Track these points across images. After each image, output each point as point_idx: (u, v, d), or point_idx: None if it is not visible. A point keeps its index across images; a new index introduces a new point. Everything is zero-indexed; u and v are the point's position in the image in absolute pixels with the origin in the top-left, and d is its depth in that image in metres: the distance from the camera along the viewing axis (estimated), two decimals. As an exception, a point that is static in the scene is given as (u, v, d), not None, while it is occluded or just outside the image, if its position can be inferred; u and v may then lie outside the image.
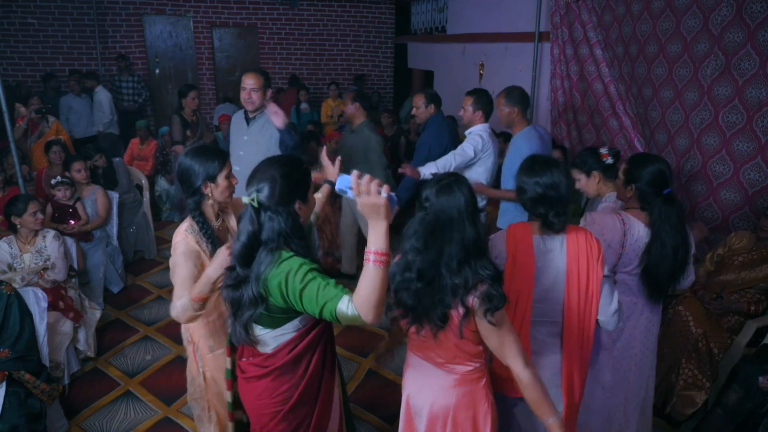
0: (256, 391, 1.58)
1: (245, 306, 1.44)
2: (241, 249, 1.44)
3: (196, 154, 1.79)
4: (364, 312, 1.29)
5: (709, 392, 2.63)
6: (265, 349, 1.56)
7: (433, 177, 1.56)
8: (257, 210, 1.43)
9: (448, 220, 1.45)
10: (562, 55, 4.82)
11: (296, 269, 1.38)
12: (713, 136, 3.41)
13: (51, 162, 4.46)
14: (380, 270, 1.27)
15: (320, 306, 1.34)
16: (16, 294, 2.36)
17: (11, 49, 7.33)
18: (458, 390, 1.59)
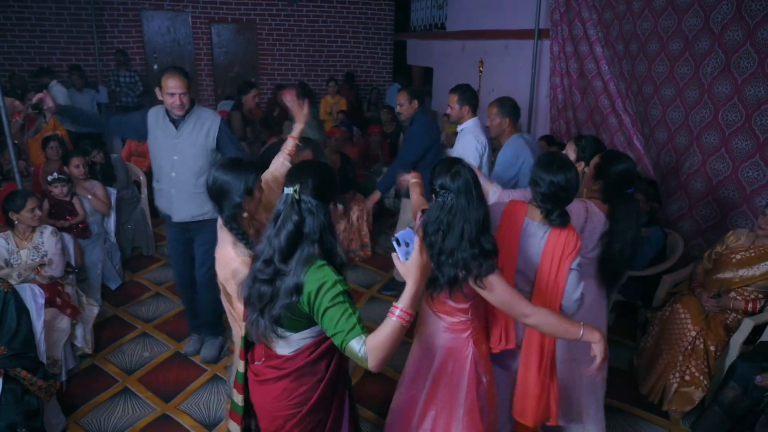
0: (273, 393, 1.59)
1: (281, 296, 1.46)
2: (286, 239, 1.45)
3: (231, 168, 1.82)
4: (372, 358, 1.32)
5: (706, 390, 2.63)
6: (283, 351, 1.57)
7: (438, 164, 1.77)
8: (298, 202, 1.46)
9: (465, 202, 1.66)
10: (561, 52, 4.81)
11: (330, 285, 1.40)
12: (713, 134, 3.42)
13: (48, 158, 4.44)
14: (401, 327, 1.31)
15: (336, 331, 1.38)
16: (12, 291, 2.35)
17: (8, 43, 7.30)
18: (445, 336, 1.88)
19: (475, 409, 1.85)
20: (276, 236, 1.46)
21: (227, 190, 1.80)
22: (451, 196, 1.67)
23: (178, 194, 2.86)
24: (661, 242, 3.27)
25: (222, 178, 1.81)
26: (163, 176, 2.87)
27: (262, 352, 1.62)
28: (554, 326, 1.69)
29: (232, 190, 1.80)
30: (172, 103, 2.69)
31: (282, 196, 1.49)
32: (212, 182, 1.83)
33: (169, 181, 2.85)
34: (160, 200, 2.99)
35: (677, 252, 3.34)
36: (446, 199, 1.68)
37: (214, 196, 1.84)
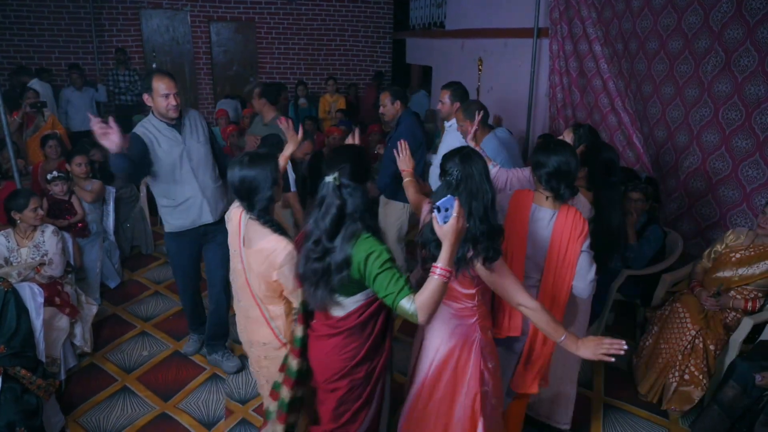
0: (326, 348, 1.80)
1: (334, 271, 1.65)
2: (331, 222, 1.63)
3: (254, 162, 1.84)
4: (422, 312, 1.52)
5: (705, 389, 2.64)
6: (337, 313, 1.77)
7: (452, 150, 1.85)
8: (338, 187, 1.64)
9: (473, 183, 1.74)
10: (561, 51, 4.81)
11: (378, 254, 1.59)
12: (713, 133, 3.41)
13: (47, 156, 4.44)
14: (443, 283, 1.51)
15: (387, 293, 1.57)
16: (12, 290, 2.35)
17: (6, 42, 7.28)
18: (452, 322, 1.90)
19: (477, 396, 1.89)
20: (322, 219, 1.65)
21: (257, 185, 1.83)
22: (458, 175, 1.75)
23: (211, 195, 2.81)
24: (661, 241, 3.27)
25: (249, 174, 1.82)
26: (186, 186, 2.73)
27: (321, 315, 1.83)
28: (542, 323, 1.78)
29: (261, 184, 1.83)
30: (168, 104, 2.59)
31: (323, 183, 1.66)
32: (239, 181, 1.83)
33: (195, 187, 2.75)
34: (184, 216, 2.79)
35: (676, 251, 3.34)
36: (454, 178, 1.76)
37: (244, 193, 1.85)
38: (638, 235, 3.24)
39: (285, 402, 1.88)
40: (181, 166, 2.71)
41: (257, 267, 1.86)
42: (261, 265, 1.84)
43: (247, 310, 2.01)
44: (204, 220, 2.83)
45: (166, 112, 2.63)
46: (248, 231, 1.89)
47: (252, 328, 2.01)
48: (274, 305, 1.94)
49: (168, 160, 2.67)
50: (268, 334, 1.97)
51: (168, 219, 2.84)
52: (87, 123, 6.65)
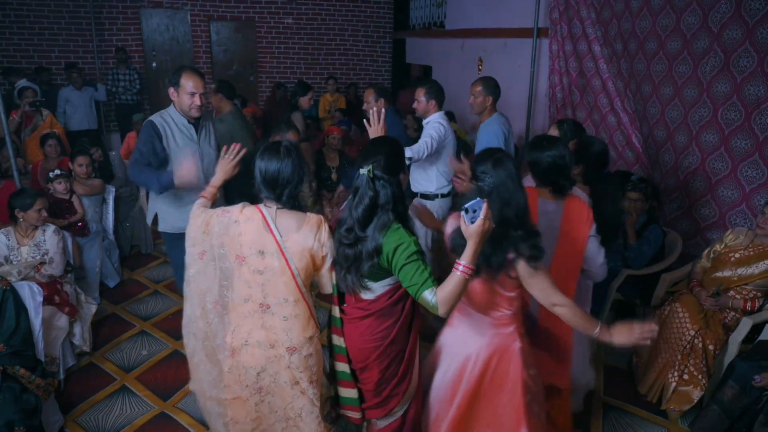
0: (358, 329, 1.88)
1: (365, 259, 1.73)
2: (363, 212, 1.71)
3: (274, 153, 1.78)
4: (442, 305, 1.59)
5: (705, 388, 2.64)
6: (368, 296, 1.84)
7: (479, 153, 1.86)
8: (372, 179, 1.70)
9: (506, 189, 1.73)
10: (560, 51, 4.81)
11: (406, 245, 1.66)
12: (712, 133, 3.42)
13: (47, 155, 4.44)
14: (465, 279, 1.57)
15: (411, 284, 1.64)
16: (11, 289, 2.35)
17: (6, 41, 7.27)
18: (490, 331, 1.88)
19: (521, 406, 1.86)
20: (355, 209, 1.72)
21: (285, 175, 1.76)
22: (491, 180, 1.75)
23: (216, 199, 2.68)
24: (660, 241, 3.27)
25: (274, 165, 1.76)
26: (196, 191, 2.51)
27: (352, 298, 1.89)
28: (577, 318, 1.77)
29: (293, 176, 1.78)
30: (192, 103, 2.56)
31: (358, 174, 1.72)
32: (265, 172, 1.76)
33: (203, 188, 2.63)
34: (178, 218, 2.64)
35: (676, 251, 3.34)
36: (486, 184, 1.76)
37: (272, 185, 1.77)
38: (638, 234, 3.24)
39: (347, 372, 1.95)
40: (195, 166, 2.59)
41: (307, 250, 1.80)
42: (312, 245, 1.80)
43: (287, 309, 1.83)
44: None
45: (189, 111, 2.60)
46: (281, 222, 1.79)
47: (296, 328, 1.85)
48: (310, 295, 1.91)
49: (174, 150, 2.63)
50: (313, 327, 1.91)
51: (169, 219, 2.73)
52: (85, 122, 6.72)
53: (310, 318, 1.89)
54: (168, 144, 2.60)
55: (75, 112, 6.47)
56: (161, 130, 2.59)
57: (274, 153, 1.77)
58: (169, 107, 2.68)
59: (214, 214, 1.85)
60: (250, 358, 1.85)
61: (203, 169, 2.66)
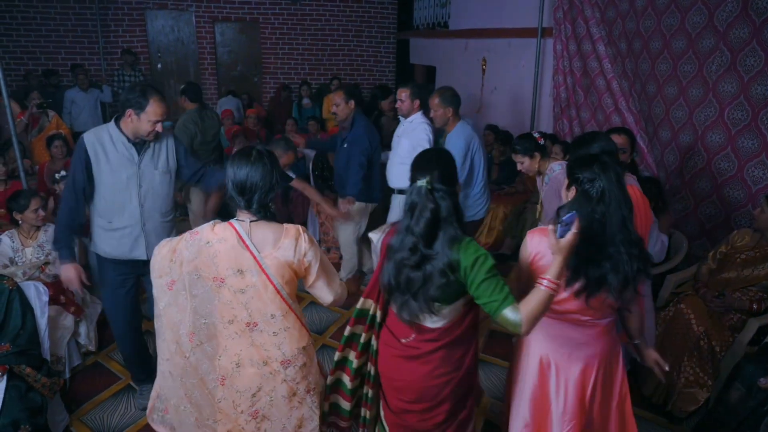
0: (431, 364, 1.72)
1: (437, 278, 1.58)
2: (426, 227, 1.57)
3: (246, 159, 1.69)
4: (527, 323, 1.50)
5: (710, 390, 2.62)
6: (436, 324, 1.69)
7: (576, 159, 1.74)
8: (431, 191, 1.58)
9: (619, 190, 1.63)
10: (565, 51, 4.80)
11: (484, 259, 1.56)
12: (718, 133, 3.40)
13: (53, 156, 4.46)
14: (550, 296, 1.51)
15: (491, 300, 1.53)
16: (17, 289, 2.37)
17: (13, 43, 7.34)
18: (604, 338, 1.81)
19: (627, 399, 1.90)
20: (416, 224, 1.58)
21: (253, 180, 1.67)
22: (601, 184, 1.62)
23: (152, 229, 2.45)
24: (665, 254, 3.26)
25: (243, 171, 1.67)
26: (125, 212, 2.39)
27: (409, 330, 1.72)
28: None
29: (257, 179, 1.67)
30: (152, 131, 2.32)
31: (413, 188, 1.60)
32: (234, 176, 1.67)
33: (136, 215, 2.41)
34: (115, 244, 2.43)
35: (681, 252, 3.32)
36: (595, 189, 1.62)
37: (240, 190, 1.68)
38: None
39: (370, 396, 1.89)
40: (127, 189, 2.37)
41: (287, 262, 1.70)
42: (293, 258, 1.70)
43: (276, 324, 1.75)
44: (135, 255, 2.44)
45: (144, 136, 2.33)
46: (256, 235, 1.70)
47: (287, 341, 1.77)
48: (297, 304, 1.81)
49: (113, 178, 2.34)
50: (306, 336, 1.82)
51: (97, 241, 2.48)
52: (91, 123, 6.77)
53: (301, 327, 1.81)
54: (98, 164, 2.32)
55: (80, 113, 6.52)
56: (90, 151, 2.31)
57: (245, 157, 1.68)
58: (110, 123, 2.38)
59: (182, 240, 1.73)
60: (244, 379, 1.77)
61: (140, 195, 2.40)
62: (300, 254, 1.71)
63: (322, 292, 1.82)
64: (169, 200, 2.53)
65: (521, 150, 2.82)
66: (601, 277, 1.63)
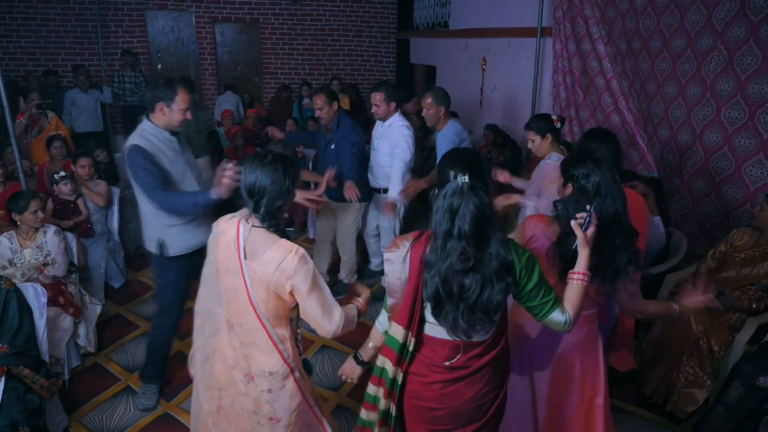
0: (481, 381, 1.61)
1: (496, 282, 1.45)
2: (474, 226, 1.43)
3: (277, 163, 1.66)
4: (573, 321, 1.54)
5: (710, 390, 2.61)
6: (481, 337, 1.58)
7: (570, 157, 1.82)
8: (472, 188, 1.45)
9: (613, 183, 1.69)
10: (564, 50, 4.79)
11: (534, 261, 1.53)
12: (715, 132, 3.39)
13: (53, 157, 4.47)
14: (584, 288, 1.56)
15: (542, 302, 1.52)
16: (15, 289, 2.36)
17: (13, 44, 7.35)
18: (584, 328, 1.86)
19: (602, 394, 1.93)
20: (463, 225, 1.43)
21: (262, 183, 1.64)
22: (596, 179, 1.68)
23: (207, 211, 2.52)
24: (665, 241, 3.25)
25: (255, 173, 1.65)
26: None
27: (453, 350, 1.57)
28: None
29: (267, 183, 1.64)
30: (184, 119, 2.44)
31: (450, 188, 1.45)
32: (245, 178, 1.66)
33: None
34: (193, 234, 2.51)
35: (681, 251, 3.31)
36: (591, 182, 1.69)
37: (250, 192, 1.66)
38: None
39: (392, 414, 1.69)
40: (186, 178, 2.50)
41: (266, 279, 1.63)
42: (272, 276, 1.62)
43: (246, 335, 1.73)
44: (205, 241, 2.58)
45: (177, 125, 2.46)
46: (251, 242, 1.67)
47: (255, 357, 1.74)
48: (281, 328, 1.74)
49: (175, 170, 2.46)
50: (276, 362, 1.73)
51: (177, 240, 2.51)
52: (91, 124, 6.76)
53: (273, 351, 1.72)
54: (162, 163, 2.42)
55: (80, 114, 6.52)
56: (152, 152, 2.39)
57: (258, 160, 1.67)
58: (143, 124, 2.47)
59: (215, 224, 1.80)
60: (214, 372, 1.80)
61: (196, 181, 2.57)
62: (282, 273, 1.60)
63: (316, 322, 1.68)
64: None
65: (535, 127, 2.78)
66: (595, 267, 1.64)
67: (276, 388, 1.75)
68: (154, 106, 2.39)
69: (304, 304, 1.65)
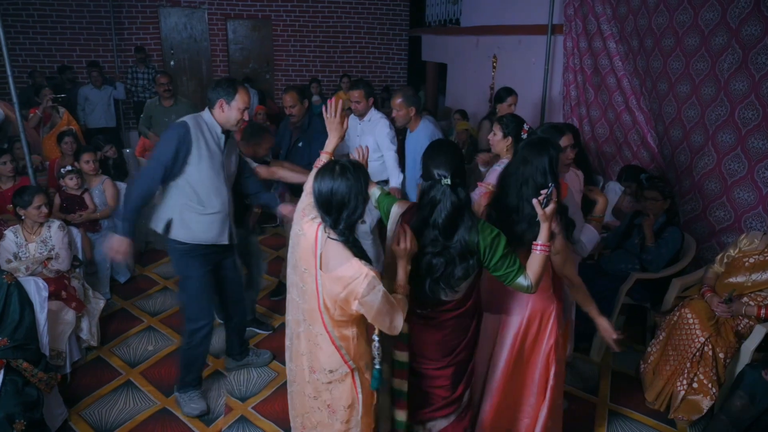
0: (443, 332, 1.89)
1: (459, 262, 1.74)
2: (447, 220, 1.72)
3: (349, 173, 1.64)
4: (534, 284, 1.79)
5: (715, 398, 2.54)
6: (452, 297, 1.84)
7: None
8: (451, 187, 1.71)
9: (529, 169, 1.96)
10: (575, 48, 4.71)
11: (499, 238, 1.76)
12: (728, 132, 3.30)
13: (63, 152, 4.52)
14: (545, 257, 1.78)
15: (507, 271, 1.77)
16: (16, 283, 2.38)
17: (30, 40, 7.46)
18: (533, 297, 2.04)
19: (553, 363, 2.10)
20: (438, 218, 1.73)
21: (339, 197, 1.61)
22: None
23: (232, 216, 2.66)
24: (679, 243, 3.19)
25: (327, 185, 1.62)
26: (218, 197, 2.54)
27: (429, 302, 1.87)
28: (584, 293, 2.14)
29: (353, 199, 1.62)
30: (241, 119, 2.47)
31: (434, 185, 1.73)
32: (330, 192, 1.61)
33: (225, 201, 2.57)
34: (209, 228, 2.55)
35: (689, 254, 3.24)
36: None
37: (332, 208, 1.63)
38: (656, 236, 3.16)
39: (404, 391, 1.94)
40: (219, 175, 2.52)
41: (334, 295, 1.65)
42: (339, 294, 1.63)
43: (315, 336, 1.78)
44: (222, 240, 2.61)
45: (234, 125, 2.49)
46: (325, 252, 1.66)
47: (317, 354, 1.79)
48: (346, 328, 1.76)
49: (210, 163, 2.47)
50: (336, 361, 1.76)
51: (190, 228, 2.52)
52: (104, 120, 6.83)
53: (333, 352, 1.75)
54: (199, 149, 2.43)
55: (94, 109, 6.61)
56: (193, 134, 2.41)
57: (328, 172, 1.63)
58: (204, 112, 2.51)
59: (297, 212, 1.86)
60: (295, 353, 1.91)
61: (227, 181, 2.58)
62: (350, 294, 1.60)
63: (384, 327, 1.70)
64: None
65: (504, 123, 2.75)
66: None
67: (336, 382, 1.81)
68: (214, 102, 2.47)
69: (370, 319, 1.68)
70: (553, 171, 1.89)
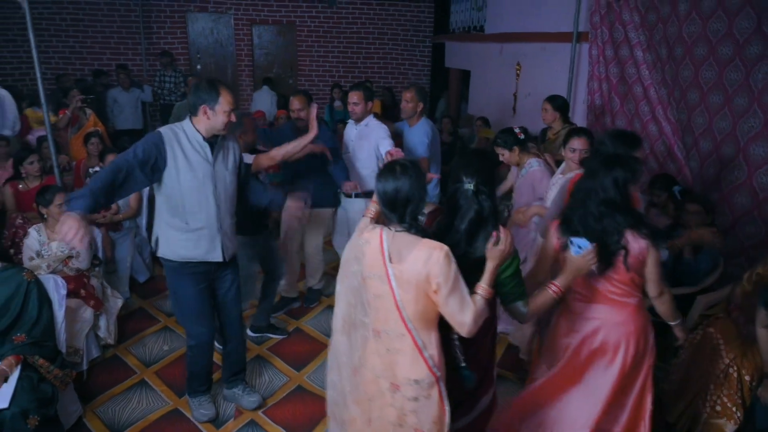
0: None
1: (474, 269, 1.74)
2: (470, 226, 1.78)
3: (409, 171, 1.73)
4: (530, 316, 1.83)
5: (739, 422, 2.43)
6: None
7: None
8: (476, 194, 1.77)
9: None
10: (601, 56, 4.61)
11: (513, 258, 1.77)
12: (762, 145, 3.18)
13: (89, 153, 4.63)
14: (554, 300, 1.84)
15: (509, 291, 1.79)
16: (35, 281, 2.43)
17: (63, 43, 7.70)
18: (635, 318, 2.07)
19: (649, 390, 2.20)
20: (461, 223, 1.79)
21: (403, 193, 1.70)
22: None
23: (227, 230, 2.49)
24: (719, 258, 3.08)
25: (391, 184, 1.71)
26: (203, 213, 2.38)
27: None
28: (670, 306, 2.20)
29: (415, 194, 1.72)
30: (227, 122, 2.31)
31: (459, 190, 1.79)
32: (394, 191, 1.71)
33: (213, 216, 2.40)
34: (193, 246, 2.41)
35: (716, 271, 3.11)
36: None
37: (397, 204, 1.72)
38: (694, 250, 3.07)
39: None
40: (204, 189, 2.36)
41: (414, 278, 1.68)
42: (420, 274, 1.67)
43: (391, 341, 1.75)
44: (212, 258, 2.46)
45: (221, 128, 2.34)
46: (395, 245, 1.73)
47: (399, 364, 1.75)
48: (428, 332, 1.75)
49: (192, 176, 2.32)
50: (421, 369, 1.73)
51: (171, 244, 2.41)
52: (131, 122, 6.98)
53: (417, 358, 1.72)
54: (176, 162, 2.30)
55: (121, 111, 6.77)
56: (168, 145, 2.29)
57: (390, 172, 1.73)
58: (184, 122, 2.37)
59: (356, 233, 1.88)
60: (365, 382, 1.83)
61: (215, 195, 2.40)
62: (429, 270, 1.64)
63: (453, 319, 1.70)
64: (235, 202, 2.55)
65: (502, 143, 3.15)
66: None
67: (422, 397, 1.75)
68: (197, 110, 2.29)
69: (444, 300, 1.67)
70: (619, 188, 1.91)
